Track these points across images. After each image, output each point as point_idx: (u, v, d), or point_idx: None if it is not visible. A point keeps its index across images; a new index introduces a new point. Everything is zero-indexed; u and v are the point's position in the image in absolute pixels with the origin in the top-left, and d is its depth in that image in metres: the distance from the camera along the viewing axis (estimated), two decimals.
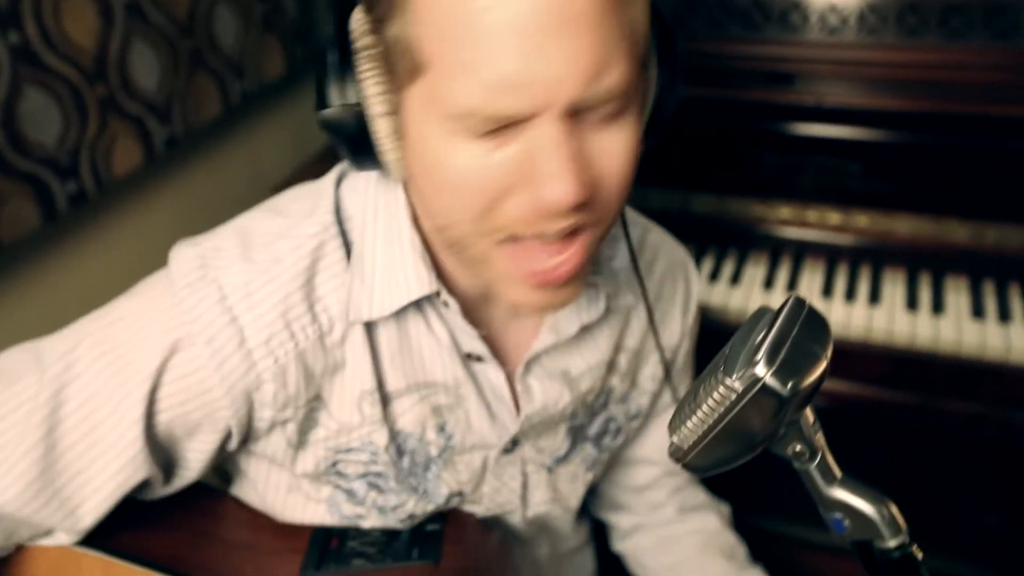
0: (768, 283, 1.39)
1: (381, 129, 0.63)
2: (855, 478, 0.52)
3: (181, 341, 0.69)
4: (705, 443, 0.50)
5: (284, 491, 0.83)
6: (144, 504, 0.80)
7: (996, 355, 1.24)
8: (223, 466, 0.88)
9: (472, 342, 0.77)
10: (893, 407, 1.31)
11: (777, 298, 1.36)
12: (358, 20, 0.62)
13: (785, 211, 1.44)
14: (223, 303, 0.69)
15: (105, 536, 0.76)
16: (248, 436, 0.77)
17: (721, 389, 0.47)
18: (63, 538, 0.74)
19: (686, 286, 0.96)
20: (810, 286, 1.38)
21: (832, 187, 1.41)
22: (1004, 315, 1.29)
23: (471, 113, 0.56)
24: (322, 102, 0.63)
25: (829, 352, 0.48)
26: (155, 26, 1.38)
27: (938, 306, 1.32)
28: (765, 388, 0.46)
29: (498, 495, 0.88)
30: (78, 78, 1.24)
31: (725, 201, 1.47)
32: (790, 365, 0.46)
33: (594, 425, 0.92)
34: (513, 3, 0.53)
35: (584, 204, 0.59)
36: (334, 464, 0.80)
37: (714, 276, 1.42)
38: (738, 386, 0.46)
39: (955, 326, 1.28)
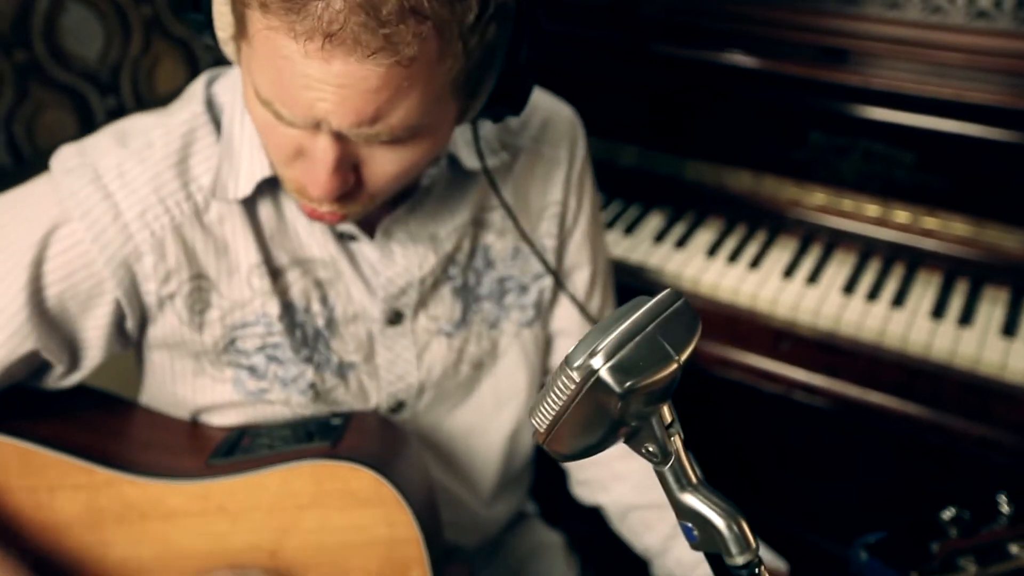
0: (789, 271, 1.38)
1: (224, 40, 0.72)
2: (712, 488, 0.53)
3: (60, 217, 0.79)
4: (556, 429, 0.50)
5: (191, 376, 0.92)
6: (62, 404, 0.89)
7: (1018, 378, 1.20)
8: (140, 373, 0.98)
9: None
10: (900, 418, 1.28)
11: (795, 288, 1.36)
12: None
13: (821, 196, 1.42)
14: (97, 182, 0.80)
15: (18, 427, 0.86)
16: (144, 316, 0.86)
17: (564, 377, 0.48)
18: None
19: (571, 140, 1.01)
20: (833, 279, 1.36)
21: (875, 176, 1.38)
22: None
23: (268, 103, 0.67)
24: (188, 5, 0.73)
25: (684, 355, 0.49)
26: None
27: (966, 318, 1.28)
28: (600, 382, 0.46)
29: (394, 367, 0.96)
30: None
31: (760, 179, 1.46)
32: (631, 362, 0.47)
33: (484, 284, 0.99)
34: (302, 63, 0.62)
35: (345, 196, 0.73)
36: (232, 341, 0.89)
37: (734, 257, 1.41)
38: (576, 376, 0.47)
39: (978, 342, 1.24)
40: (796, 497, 1.75)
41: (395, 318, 0.94)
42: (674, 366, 0.48)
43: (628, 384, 0.46)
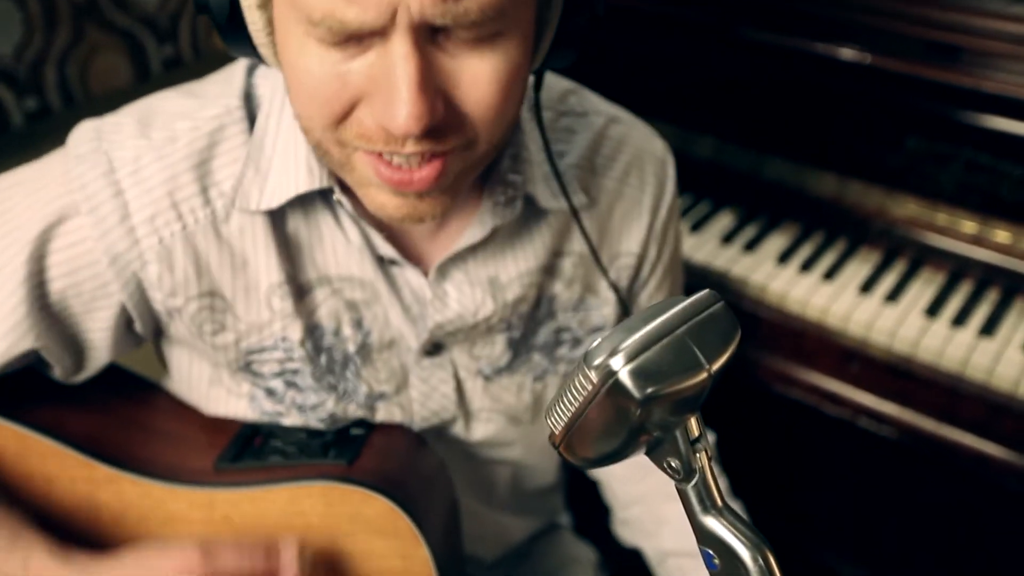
0: (867, 286, 1.23)
1: (254, 21, 0.60)
2: (737, 515, 0.47)
3: (67, 209, 0.70)
4: (572, 432, 0.46)
5: (206, 384, 0.83)
6: (71, 386, 0.81)
7: None
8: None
9: (384, 246, 0.75)
10: (977, 458, 1.14)
11: (872, 305, 1.19)
12: None
13: (912, 207, 1.27)
14: (110, 175, 0.69)
15: (23, 409, 0.78)
16: (155, 320, 0.77)
17: (581, 376, 0.43)
18: None
19: (658, 183, 0.87)
20: (916, 299, 1.21)
21: (977, 189, 1.22)
22: None
23: (321, 19, 0.53)
24: None
25: (717, 365, 0.44)
26: None
27: None
28: (618, 385, 0.41)
29: (429, 401, 0.85)
30: None
31: (846, 184, 1.31)
32: (654, 367, 0.42)
33: (540, 335, 0.87)
34: None
35: (437, 130, 0.57)
36: (248, 364, 0.79)
37: (807, 266, 1.27)
38: (593, 377, 0.42)
39: None
40: (852, 533, 1.64)
41: (433, 349, 0.82)
42: (704, 375, 0.43)
43: (649, 390, 0.41)
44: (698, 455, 0.47)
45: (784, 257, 1.29)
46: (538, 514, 1.08)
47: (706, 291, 0.46)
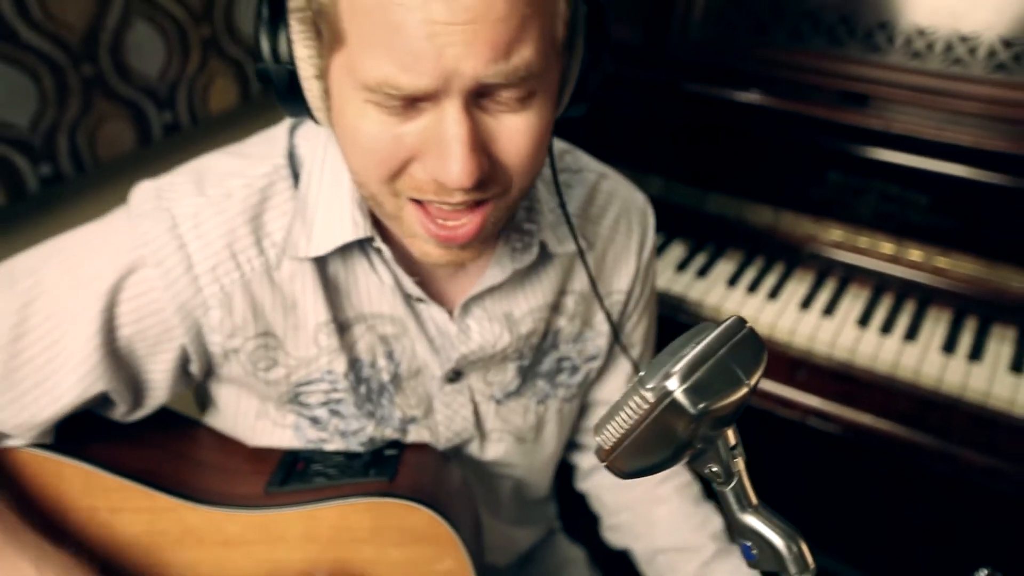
0: (806, 303, 1.30)
1: (311, 89, 0.62)
2: (771, 510, 0.50)
3: (135, 263, 0.70)
4: (623, 448, 0.47)
5: (253, 417, 0.84)
6: (123, 425, 0.81)
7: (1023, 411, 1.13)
8: (201, 400, 0.89)
9: (411, 286, 0.77)
10: (909, 448, 1.21)
11: (812, 320, 1.27)
12: None
13: (837, 233, 1.35)
14: (174, 231, 0.70)
15: (85, 449, 0.77)
16: (209, 362, 0.77)
17: (637, 397, 0.45)
18: (16, 442, 0.75)
19: (642, 231, 0.92)
20: (848, 312, 1.28)
21: (891, 216, 1.31)
22: None
23: (380, 86, 0.56)
24: (259, 55, 0.63)
25: (755, 379, 0.46)
26: (163, 9, 1.32)
27: (976, 354, 1.20)
28: (674, 404, 0.44)
29: (452, 423, 0.88)
30: (185, 17, 1.28)
31: (780, 215, 1.38)
32: (705, 385, 0.44)
33: (545, 363, 0.90)
34: (407, 10, 0.52)
35: (481, 182, 0.59)
36: (296, 396, 0.80)
37: (753, 287, 1.33)
38: (651, 397, 0.44)
39: (988, 377, 1.16)
40: (805, 519, 1.67)
41: (454, 376, 0.85)
42: (745, 390, 0.46)
43: (702, 406, 0.44)
44: (736, 460, 0.49)
45: (733, 281, 1.35)
46: (538, 523, 1.09)
47: (735, 317, 0.48)
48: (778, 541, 0.49)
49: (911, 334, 1.25)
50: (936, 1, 1.22)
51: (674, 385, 0.44)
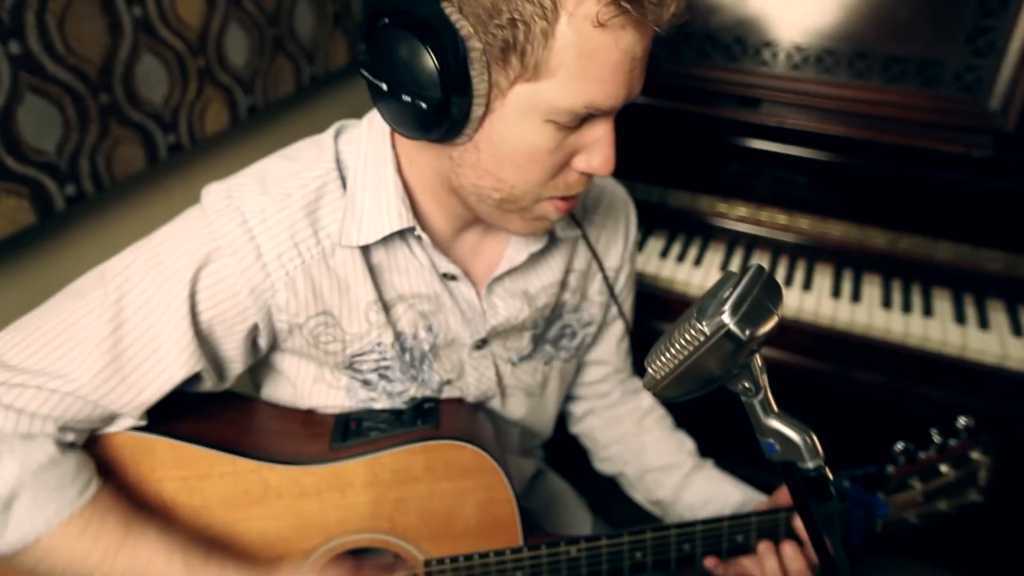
0: (724, 267, 1.40)
1: (476, 115, 0.64)
2: (787, 412, 0.53)
3: (211, 254, 0.72)
4: (675, 376, 0.50)
5: (311, 382, 0.86)
6: (199, 405, 0.82)
7: (896, 338, 1.26)
8: (259, 372, 0.90)
9: (446, 265, 0.81)
10: (813, 373, 1.33)
11: None
12: (459, 22, 0.60)
13: (742, 210, 1.45)
14: (244, 225, 0.72)
15: (171, 427, 0.79)
16: (275, 337, 0.79)
17: (692, 331, 0.48)
18: (129, 422, 0.75)
19: (627, 220, 0.99)
20: None
21: (782, 194, 1.42)
22: (906, 307, 1.31)
23: (576, 110, 0.63)
24: (419, 86, 0.62)
25: (780, 310, 0.49)
26: (248, 13, 1.37)
27: (856, 296, 1.34)
28: (729, 333, 0.46)
29: (480, 384, 0.92)
30: (184, 49, 1.26)
31: (696, 198, 1.47)
32: (750, 316, 0.47)
33: (552, 330, 0.95)
34: (633, 48, 0.61)
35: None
36: (351, 364, 0.83)
37: (681, 257, 1.43)
38: (707, 330, 0.47)
39: (867, 313, 1.30)
40: (751, 444, 1.78)
41: (481, 344, 0.89)
42: (776, 319, 0.49)
43: (748, 332, 0.46)
44: (763, 377, 0.52)
45: (664, 254, 1.43)
46: (536, 457, 1.14)
47: (757, 265, 0.50)
48: (795, 436, 0.52)
49: (807, 285, 1.37)
50: (808, 23, 1.34)
51: (728, 318, 0.47)
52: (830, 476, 0.54)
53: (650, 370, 0.51)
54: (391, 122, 0.68)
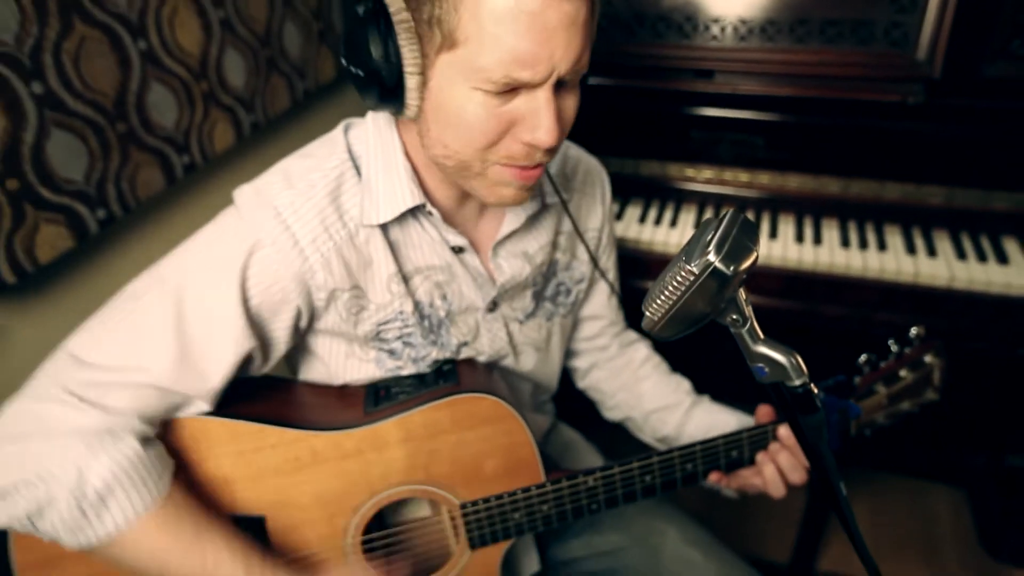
0: (696, 225, 1.45)
1: (411, 84, 0.67)
2: (772, 338, 0.54)
3: (255, 246, 0.75)
4: (670, 315, 0.50)
5: (343, 358, 0.89)
6: (245, 389, 0.85)
7: (856, 273, 1.31)
8: (295, 357, 0.93)
9: (455, 238, 0.84)
10: (785, 312, 1.38)
11: None
12: (395, 2, 0.64)
13: (708, 173, 1.48)
14: (279, 216, 0.75)
15: (222, 409, 0.82)
16: (313, 315, 0.82)
17: (682, 273, 0.48)
18: (201, 406, 0.78)
19: (602, 184, 1.03)
20: None
21: (742, 155, 1.46)
22: (863, 245, 1.36)
23: (495, 79, 0.63)
24: (359, 59, 0.66)
25: (759, 247, 0.50)
26: (241, 37, 1.40)
27: (817, 240, 1.38)
28: (715, 271, 0.47)
29: (495, 343, 0.95)
30: (187, 76, 1.28)
31: (665, 166, 1.51)
32: (732, 254, 0.47)
33: (549, 288, 0.99)
34: (543, 12, 0.60)
35: (555, 145, 0.68)
36: (378, 334, 0.86)
37: (657, 221, 1.46)
38: (696, 269, 0.47)
39: (829, 254, 1.34)
40: (732, 384, 1.81)
41: (492, 307, 0.93)
42: (756, 254, 0.49)
43: (733, 267, 0.47)
44: (748, 308, 0.53)
45: (641, 219, 1.47)
46: (548, 413, 1.18)
47: (733, 208, 0.51)
48: (782, 358, 0.53)
49: (773, 234, 1.41)
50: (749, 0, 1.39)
51: (713, 257, 0.47)
52: (815, 390, 0.56)
53: (647, 313, 0.52)
54: (363, 99, 0.71)
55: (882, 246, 1.36)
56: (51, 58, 1.03)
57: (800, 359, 0.54)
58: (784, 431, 0.94)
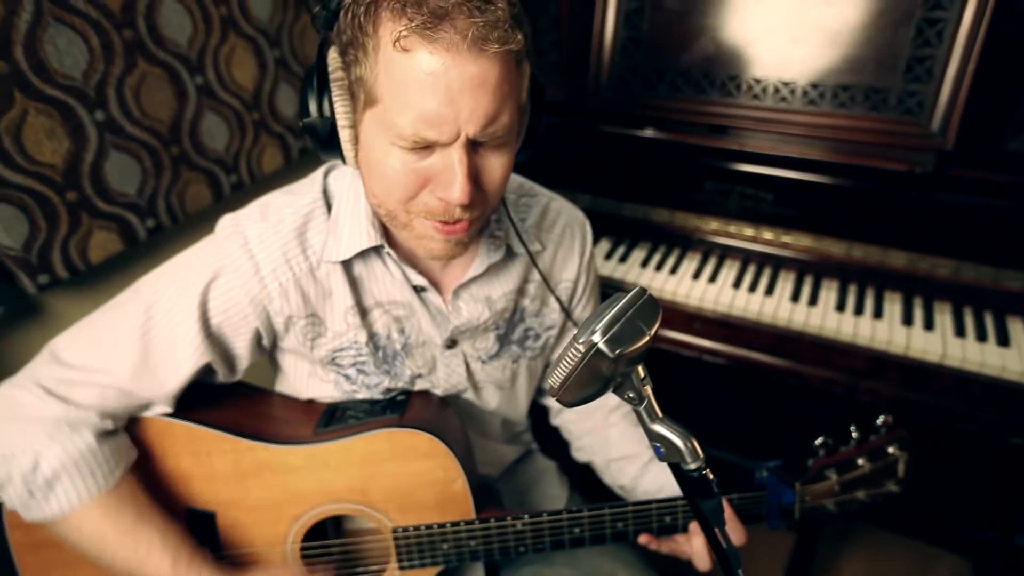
0: (697, 274, 1.33)
1: (344, 136, 0.65)
2: (672, 419, 0.51)
3: (219, 271, 0.74)
4: (567, 385, 0.49)
5: (306, 376, 0.87)
6: (216, 395, 0.84)
7: (846, 338, 1.16)
8: (273, 373, 0.92)
9: (416, 278, 0.80)
10: (773, 369, 1.24)
11: (701, 286, 1.31)
12: (332, 59, 0.63)
13: (715, 224, 1.37)
14: (245, 247, 0.75)
15: (187, 413, 0.81)
16: (275, 337, 0.81)
17: (572, 349, 0.46)
18: (161, 407, 0.78)
19: (583, 237, 0.95)
20: (726, 279, 1.31)
21: (749, 209, 1.33)
22: (858, 310, 1.20)
23: (407, 136, 0.59)
24: (305, 113, 0.65)
25: (653, 330, 0.47)
26: (294, 72, 1.40)
27: (813, 300, 1.24)
28: (598, 351, 0.45)
29: (451, 377, 0.90)
30: (241, 107, 1.32)
31: (674, 214, 1.40)
32: (619, 337, 0.45)
33: (516, 332, 0.93)
34: (445, 74, 0.56)
35: (471, 204, 0.64)
36: (333, 359, 0.84)
37: (659, 267, 1.37)
38: (582, 348, 0.46)
39: (821, 316, 1.20)
40: (710, 427, 1.71)
41: (451, 344, 0.88)
42: (647, 338, 0.47)
43: (618, 351, 0.45)
44: (646, 387, 0.50)
45: (645, 263, 1.37)
46: (518, 444, 1.12)
47: (639, 287, 0.49)
48: (678, 440, 0.51)
49: (769, 291, 1.28)
50: (766, 59, 1.26)
51: (598, 338, 0.45)
52: (711, 476, 0.52)
53: (549, 381, 0.49)
54: (316, 149, 0.69)
55: (878, 313, 1.20)
56: (114, 91, 1.08)
57: (695, 443, 0.51)
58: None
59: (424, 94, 0.57)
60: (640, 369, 0.50)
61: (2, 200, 0.96)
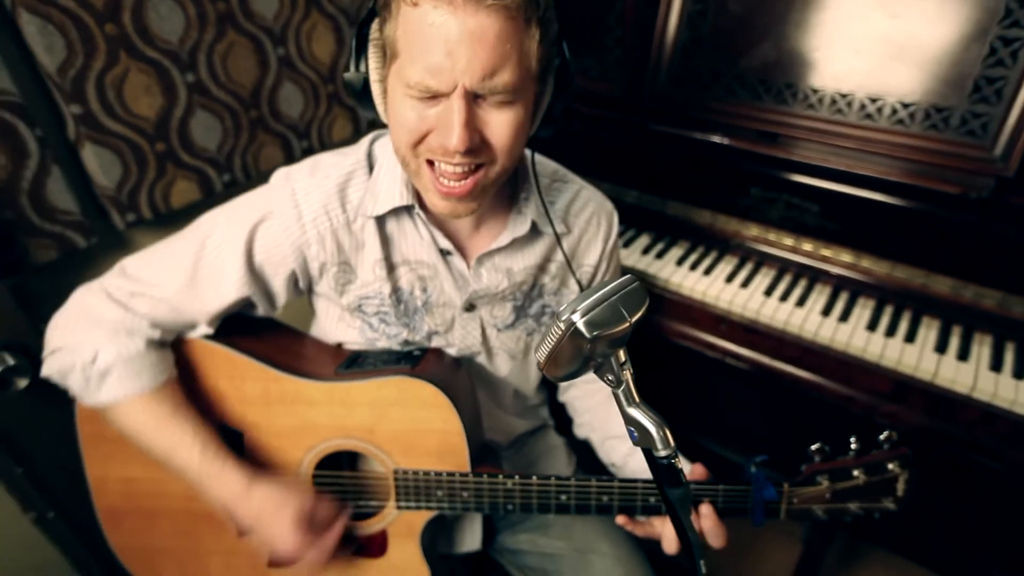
0: (730, 278, 1.31)
1: (375, 91, 0.71)
2: (649, 406, 0.51)
3: (267, 215, 0.82)
4: (551, 361, 0.49)
5: (335, 321, 0.94)
6: (254, 327, 0.91)
7: (872, 358, 1.12)
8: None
9: (443, 241, 0.84)
10: (795, 379, 1.22)
11: (733, 290, 1.29)
12: (374, 26, 0.69)
13: (755, 230, 1.34)
14: (292, 197, 0.82)
15: (230, 340, 0.89)
16: (310, 280, 0.87)
17: (555, 327, 0.47)
18: (203, 329, 0.87)
19: (608, 226, 0.97)
20: (759, 285, 1.29)
21: (792, 219, 1.30)
22: (890, 331, 1.15)
23: (413, 85, 0.64)
24: (347, 70, 0.72)
25: (635, 318, 0.47)
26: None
27: (845, 317, 1.20)
28: (576, 330, 0.46)
29: (466, 339, 0.94)
30: (317, 79, 1.41)
31: (716, 216, 1.38)
32: (598, 320, 0.46)
33: (533, 307, 0.96)
34: (444, 25, 0.60)
35: (471, 152, 0.67)
36: (360, 306, 0.89)
37: (694, 267, 1.35)
38: (562, 326, 0.46)
39: (850, 333, 1.16)
40: (725, 427, 1.69)
41: (470, 308, 0.92)
42: (627, 324, 0.47)
43: (595, 333, 0.45)
44: (624, 371, 0.50)
45: (680, 261, 1.36)
46: (531, 418, 1.14)
47: (628, 275, 0.50)
48: (651, 427, 0.50)
49: (801, 302, 1.24)
50: (825, 69, 1.22)
51: (576, 318, 0.46)
52: (679, 466, 0.52)
53: (536, 355, 0.50)
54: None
55: (911, 337, 1.15)
56: (204, 56, 1.19)
57: (668, 432, 0.51)
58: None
59: (427, 45, 0.61)
60: (621, 353, 0.50)
61: (103, 145, 1.09)
